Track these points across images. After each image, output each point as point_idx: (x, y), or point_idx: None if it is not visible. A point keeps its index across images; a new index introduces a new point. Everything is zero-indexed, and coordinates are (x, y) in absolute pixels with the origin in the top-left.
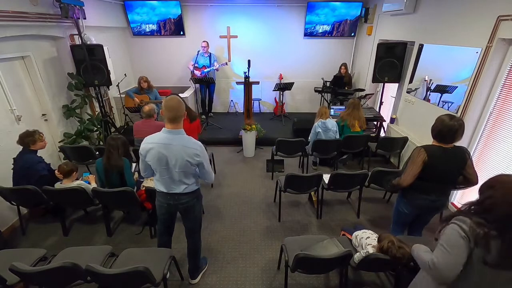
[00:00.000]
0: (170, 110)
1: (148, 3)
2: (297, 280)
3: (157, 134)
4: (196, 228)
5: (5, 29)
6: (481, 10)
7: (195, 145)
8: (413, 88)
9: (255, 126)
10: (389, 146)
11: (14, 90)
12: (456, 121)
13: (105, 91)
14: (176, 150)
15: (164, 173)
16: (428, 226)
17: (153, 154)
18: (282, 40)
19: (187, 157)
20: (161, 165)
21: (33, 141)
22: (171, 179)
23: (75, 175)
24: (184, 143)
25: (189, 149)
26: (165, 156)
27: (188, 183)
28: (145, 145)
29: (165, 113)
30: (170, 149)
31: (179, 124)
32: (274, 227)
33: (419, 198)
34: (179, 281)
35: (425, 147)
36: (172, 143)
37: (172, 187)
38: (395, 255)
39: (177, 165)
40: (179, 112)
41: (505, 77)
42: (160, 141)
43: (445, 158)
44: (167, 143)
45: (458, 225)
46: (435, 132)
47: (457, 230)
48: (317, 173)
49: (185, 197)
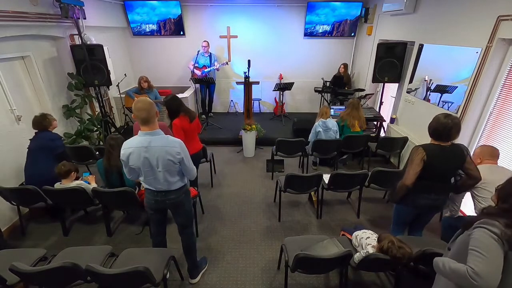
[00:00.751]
0: (140, 111)
1: (149, 3)
2: (297, 280)
3: (134, 138)
4: (187, 223)
5: (5, 29)
6: (481, 10)
7: (174, 143)
8: (413, 88)
9: (255, 126)
10: (389, 146)
11: (14, 90)
12: (451, 119)
13: (105, 91)
14: (157, 151)
15: (148, 174)
16: (428, 226)
17: (135, 158)
18: (282, 40)
19: (169, 156)
20: (144, 168)
21: (49, 122)
22: (156, 180)
23: (73, 175)
24: (163, 143)
25: (169, 148)
26: (147, 158)
27: (172, 181)
28: (125, 150)
29: (137, 116)
30: (150, 151)
31: (154, 124)
32: (274, 227)
33: (419, 198)
34: (179, 281)
35: (423, 146)
36: (151, 145)
37: (158, 186)
38: (395, 255)
39: (159, 165)
40: (150, 112)
41: (505, 77)
42: (139, 145)
43: (444, 156)
44: (146, 145)
45: (487, 229)
46: (431, 130)
47: (488, 234)
48: (317, 173)
49: (172, 194)
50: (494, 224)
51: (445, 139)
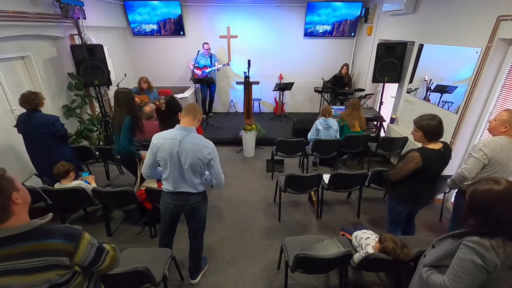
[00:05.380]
0: (188, 110)
1: (149, 3)
2: (297, 280)
3: (170, 130)
4: (200, 229)
5: (5, 29)
6: (481, 10)
7: (208, 143)
8: (413, 88)
9: (255, 126)
10: (389, 146)
11: (14, 90)
12: (436, 118)
13: (105, 91)
14: (189, 147)
15: (174, 169)
16: (428, 226)
17: (165, 149)
18: (282, 40)
19: (199, 154)
20: (171, 161)
21: (41, 100)
22: (180, 176)
23: (72, 175)
24: (197, 140)
25: (201, 146)
26: (177, 151)
27: (195, 182)
28: (157, 140)
29: (183, 113)
30: (183, 145)
31: (193, 122)
32: (274, 227)
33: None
34: (179, 281)
35: (421, 153)
36: (185, 140)
37: (180, 185)
38: (399, 255)
39: (187, 162)
40: (197, 111)
41: (505, 77)
42: (173, 137)
43: (439, 160)
44: (180, 139)
45: (476, 251)
46: (428, 133)
47: (473, 259)
48: (317, 173)
49: (194, 198)
50: (485, 246)
51: (438, 138)
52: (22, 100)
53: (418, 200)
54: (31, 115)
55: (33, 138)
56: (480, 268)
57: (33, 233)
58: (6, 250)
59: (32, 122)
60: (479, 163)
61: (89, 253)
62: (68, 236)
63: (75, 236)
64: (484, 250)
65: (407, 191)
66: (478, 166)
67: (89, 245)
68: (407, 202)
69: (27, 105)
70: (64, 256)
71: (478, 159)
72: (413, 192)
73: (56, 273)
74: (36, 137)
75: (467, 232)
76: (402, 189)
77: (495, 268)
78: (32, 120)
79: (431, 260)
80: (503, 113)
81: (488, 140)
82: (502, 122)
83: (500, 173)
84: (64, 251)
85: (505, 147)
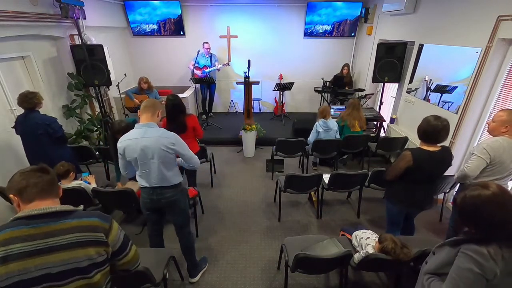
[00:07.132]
0: (146, 107)
1: (149, 3)
2: (297, 280)
3: (132, 130)
4: (184, 223)
5: (5, 29)
6: (481, 10)
7: (169, 134)
8: (413, 88)
9: (255, 126)
10: (389, 146)
11: (14, 90)
12: (440, 122)
13: (105, 91)
14: (151, 141)
15: (144, 167)
16: (428, 226)
17: (131, 150)
18: (282, 40)
19: (162, 146)
20: (140, 159)
21: (38, 99)
22: (151, 173)
23: (72, 175)
24: (157, 134)
25: (163, 138)
26: (142, 149)
27: (168, 175)
28: (121, 143)
29: (141, 110)
30: (146, 141)
31: (152, 118)
32: (274, 227)
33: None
34: (179, 281)
35: (413, 152)
36: (146, 136)
37: (153, 181)
38: (399, 255)
39: (155, 156)
40: (155, 108)
41: (505, 77)
42: (134, 136)
43: (432, 161)
44: (141, 136)
45: (473, 259)
46: (420, 132)
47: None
48: (317, 173)
49: (168, 191)
50: (483, 254)
51: (433, 141)
52: (21, 99)
53: (413, 202)
54: (28, 116)
55: (30, 139)
56: (478, 276)
57: (75, 213)
58: (51, 226)
59: (29, 123)
60: (483, 163)
61: (119, 236)
62: (103, 216)
63: (107, 218)
64: (482, 258)
65: (401, 191)
66: (481, 165)
67: (118, 229)
68: (401, 203)
69: (25, 104)
70: (101, 232)
71: (482, 159)
72: (408, 192)
73: (95, 250)
74: (34, 138)
75: (464, 240)
76: (397, 189)
77: (495, 276)
78: (29, 121)
79: (432, 267)
80: (500, 113)
81: (492, 140)
82: (502, 122)
83: (499, 172)
84: (101, 227)
85: (508, 147)
